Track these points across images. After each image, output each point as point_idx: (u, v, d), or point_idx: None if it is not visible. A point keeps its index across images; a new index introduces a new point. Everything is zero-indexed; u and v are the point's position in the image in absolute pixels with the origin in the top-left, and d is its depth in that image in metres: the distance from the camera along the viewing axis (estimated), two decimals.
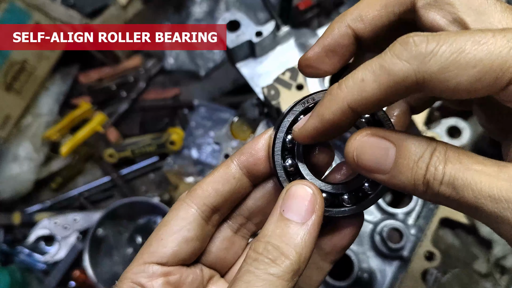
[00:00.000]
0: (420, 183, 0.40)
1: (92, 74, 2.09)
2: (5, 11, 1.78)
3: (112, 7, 1.93)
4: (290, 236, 0.44)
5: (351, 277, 1.07)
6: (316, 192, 0.46)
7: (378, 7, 0.47)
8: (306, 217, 0.45)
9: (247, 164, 0.53)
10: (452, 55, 0.36)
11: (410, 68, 0.37)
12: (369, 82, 0.40)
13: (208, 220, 0.53)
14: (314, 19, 1.93)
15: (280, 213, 0.46)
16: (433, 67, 0.36)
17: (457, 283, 1.39)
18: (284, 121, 0.50)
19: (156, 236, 0.52)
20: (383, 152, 0.42)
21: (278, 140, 0.50)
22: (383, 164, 0.42)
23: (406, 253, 1.10)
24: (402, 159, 0.41)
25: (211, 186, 0.52)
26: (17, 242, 1.76)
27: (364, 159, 0.43)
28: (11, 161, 1.86)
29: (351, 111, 0.42)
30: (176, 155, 1.83)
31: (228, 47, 1.11)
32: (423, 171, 0.40)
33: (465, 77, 0.36)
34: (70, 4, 1.98)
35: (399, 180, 0.42)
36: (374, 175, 0.43)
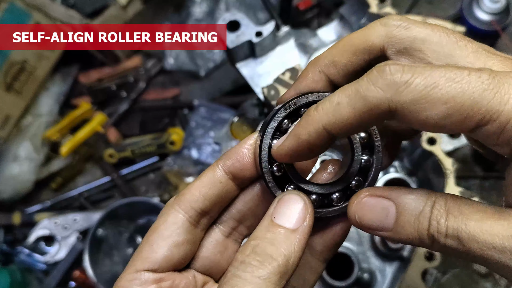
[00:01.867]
0: (425, 237, 0.41)
1: (92, 74, 2.09)
2: (5, 11, 1.78)
3: (112, 7, 1.93)
4: (279, 240, 0.44)
5: (351, 277, 1.07)
6: (307, 201, 0.48)
7: (349, 54, 0.48)
8: (297, 223, 0.46)
9: (233, 169, 0.53)
10: (425, 88, 0.36)
11: (383, 96, 0.38)
12: (344, 105, 0.40)
13: (197, 224, 0.53)
14: (314, 19, 1.93)
15: (271, 220, 0.46)
16: (406, 97, 0.37)
17: (457, 283, 1.39)
18: (269, 128, 0.51)
19: (146, 242, 0.52)
20: (384, 211, 0.44)
21: (264, 147, 0.51)
22: (385, 223, 0.44)
23: (406, 253, 1.10)
24: (403, 216, 0.43)
25: (198, 190, 0.53)
26: (17, 242, 1.76)
27: (366, 220, 0.45)
28: (11, 161, 1.86)
29: (326, 133, 0.42)
30: (176, 155, 1.83)
31: (228, 47, 1.11)
32: (426, 226, 0.41)
33: (434, 112, 0.36)
34: (70, 4, 1.98)
35: (403, 236, 0.43)
36: (378, 233, 0.45)
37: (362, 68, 0.49)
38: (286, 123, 0.52)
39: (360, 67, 0.49)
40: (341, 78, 0.50)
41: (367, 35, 0.47)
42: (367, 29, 0.48)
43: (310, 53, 1.20)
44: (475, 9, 1.68)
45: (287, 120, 0.52)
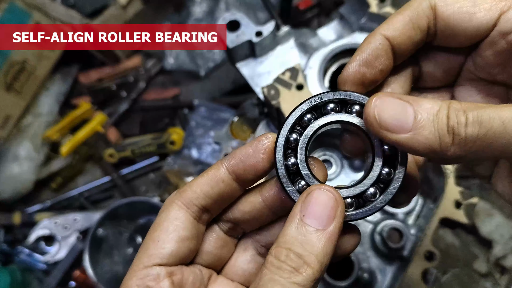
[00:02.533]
0: (445, 132, 0.42)
1: (92, 74, 2.09)
2: (5, 11, 1.78)
3: (112, 7, 1.93)
4: (311, 243, 0.44)
5: (351, 277, 1.07)
6: (338, 197, 0.47)
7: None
8: (327, 223, 0.45)
9: (236, 169, 0.52)
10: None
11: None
12: (394, 15, 0.52)
13: (199, 219, 0.54)
14: (314, 19, 1.94)
15: (300, 218, 0.46)
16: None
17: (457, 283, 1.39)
18: (289, 119, 0.51)
19: (151, 238, 0.52)
20: (403, 109, 0.44)
21: (280, 138, 0.50)
22: (403, 121, 0.43)
23: (406, 253, 1.10)
24: (421, 114, 0.43)
25: (200, 188, 0.53)
26: (17, 242, 1.76)
27: (385, 117, 0.44)
28: (11, 161, 1.86)
29: (386, 41, 0.50)
30: (176, 155, 1.83)
31: (228, 47, 1.11)
32: (445, 121, 0.42)
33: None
34: (70, 4, 1.98)
35: (422, 136, 0.42)
36: (396, 136, 0.44)
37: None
38: (308, 118, 0.51)
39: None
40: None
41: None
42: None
43: (310, 53, 1.20)
44: None
45: (311, 115, 0.51)
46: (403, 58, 0.54)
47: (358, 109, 0.51)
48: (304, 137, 0.51)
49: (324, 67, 1.17)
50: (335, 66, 1.20)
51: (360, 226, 1.14)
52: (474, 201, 1.10)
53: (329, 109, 0.51)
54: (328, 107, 0.51)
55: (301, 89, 1.08)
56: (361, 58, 0.51)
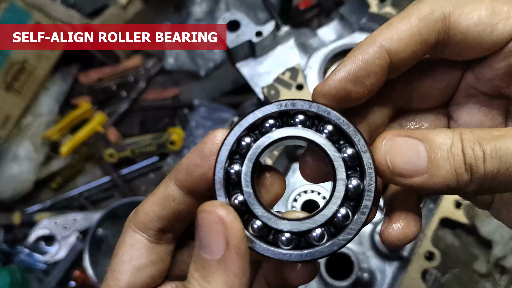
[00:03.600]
0: (462, 171, 0.38)
1: (92, 74, 2.09)
2: (5, 11, 1.78)
3: (112, 7, 1.93)
4: (211, 280, 0.38)
5: (351, 277, 1.07)
6: (226, 218, 0.38)
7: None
8: (217, 252, 0.38)
9: (185, 184, 0.45)
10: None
11: (435, 3, 0.44)
12: (397, 21, 0.43)
13: (159, 241, 0.48)
14: (314, 19, 1.93)
15: (196, 248, 0.40)
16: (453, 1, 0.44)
17: (456, 283, 1.39)
18: (248, 117, 0.43)
19: (110, 268, 0.47)
20: (414, 150, 0.39)
21: (218, 175, 0.42)
22: (418, 164, 0.39)
23: (406, 253, 1.10)
24: (435, 153, 0.39)
25: (152, 210, 0.46)
26: (17, 242, 1.76)
27: (398, 162, 0.40)
28: (11, 161, 1.86)
29: (384, 53, 0.42)
30: (176, 155, 1.83)
31: (228, 47, 1.11)
32: (461, 157, 0.38)
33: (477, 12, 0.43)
34: (70, 4, 1.98)
35: (440, 177, 0.38)
36: (411, 180, 0.40)
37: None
38: (270, 124, 0.43)
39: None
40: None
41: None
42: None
43: (310, 53, 1.20)
44: None
45: (275, 121, 0.43)
46: (395, 75, 0.46)
47: (331, 130, 0.42)
48: (257, 147, 0.42)
49: (324, 67, 1.17)
50: (335, 66, 1.19)
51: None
52: None
53: (297, 121, 0.43)
54: (297, 118, 0.43)
55: (301, 89, 1.08)
56: (350, 70, 0.42)
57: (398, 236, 0.44)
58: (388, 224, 0.45)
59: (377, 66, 0.42)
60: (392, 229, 0.45)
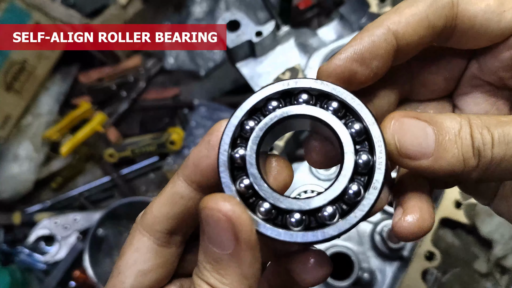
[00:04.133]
0: (470, 155, 0.38)
1: (92, 74, 2.09)
2: (5, 11, 1.78)
3: (112, 7, 1.93)
4: (224, 273, 0.38)
5: (351, 277, 1.07)
6: (234, 214, 0.37)
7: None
8: (228, 246, 0.37)
9: (194, 177, 0.44)
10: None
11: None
12: (405, 6, 0.42)
13: (167, 244, 0.47)
14: (314, 19, 1.93)
15: (205, 242, 0.39)
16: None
17: (457, 283, 1.39)
18: (250, 99, 0.41)
19: (116, 268, 0.47)
20: (423, 132, 0.39)
21: (222, 159, 0.40)
22: (425, 146, 0.38)
23: (406, 253, 1.10)
24: (443, 136, 0.38)
25: (159, 210, 0.45)
26: (17, 242, 1.76)
27: (406, 143, 0.39)
28: (11, 161, 1.86)
29: (391, 36, 0.42)
30: (176, 155, 1.83)
31: (228, 47, 1.11)
32: (469, 141, 0.38)
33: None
34: (70, 4, 1.98)
35: (445, 160, 0.38)
36: (417, 163, 0.39)
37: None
38: (273, 106, 0.42)
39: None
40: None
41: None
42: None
43: (310, 53, 1.20)
44: None
45: (277, 102, 0.42)
46: (403, 60, 0.46)
47: (336, 107, 0.41)
48: (260, 128, 0.41)
49: None
50: None
51: (360, 226, 1.14)
52: (474, 201, 1.10)
53: (301, 100, 0.41)
54: (300, 97, 0.41)
55: None
56: (356, 50, 0.42)
57: (412, 229, 0.41)
58: (402, 215, 0.42)
59: (383, 49, 0.42)
60: (406, 222, 0.42)
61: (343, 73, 0.42)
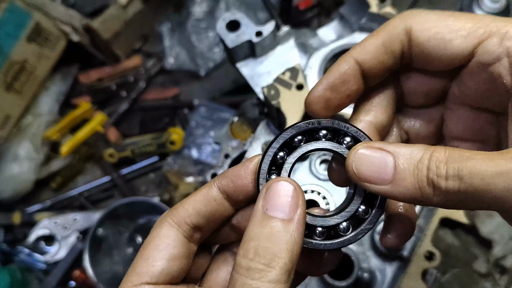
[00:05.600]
0: (425, 184, 0.41)
1: (92, 74, 2.10)
2: (5, 11, 1.78)
3: (112, 7, 1.93)
4: (278, 234, 0.43)
5: (351, 277, 1.07)
6: (297, 187, 0.46)
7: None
8: (291, 213, 0.44)
9: (227, 189, 0.52)
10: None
11: (400, 20, 0.50)
12: (367, 38, 0.50)
13: (191, 238, 0.52)
14: (314, 19, 1.94)
15: (263, 212, 0.45)
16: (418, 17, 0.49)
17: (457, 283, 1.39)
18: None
19: (141, 257, 0.50)
20: (382, 161, 0.43)
21: (266, 159, 0.50)
22: (383, 173, 0.43)
23: (406, 253, 1.10)
24: (401, 166, 0.42)
25: (192, 206, 0.52)
26: (17, 242, 1.76)
27: (364, 170, 0.44)
28: (11, 161, 1.86)
29: (357, 66, 0.50)
30: (176, 155, 1.83)
31: (228, 47, 1.11)
32: (425, 172, 0.41)
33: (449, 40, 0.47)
34: (70, 4, 1.98)
35: (402, 187, 0.42)
36: (376, 188, 0.44)
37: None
38: (299, 139, 0.51)
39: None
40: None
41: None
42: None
43: (310, 52, 1.20)
44: (475, 9, 1.68)
45: (302, 136, 0.52)
46: (376, 81, 0.53)
47: (349, 142, 0.51)
48: (293, 157, 0.52)
49: (324, 67, 1.17)
50: None
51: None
52: None
53: (321, 135, 0.52)
54: (321, 132, 0.52)
55: (301, 89, 1.08)
56: (328, 82, 0.51)
57: (394, 242, 0.54)
58: (384, 231, 0.54)
59: (348, 75, 0.51)
60: (388, 237, 0.54)
61: (320, 101, 0.52)
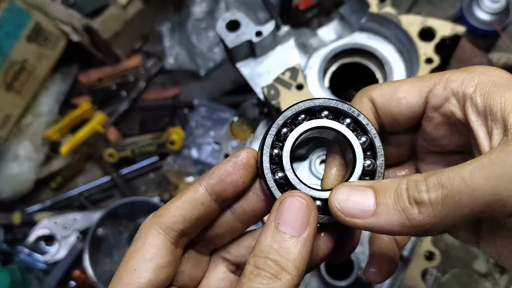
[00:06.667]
0: (407, 205, 0.42)
1: (92, 74, 2.09)
2: (5, 11, 1.78)
3: (112, 7, 1.93)
4: (288, 250, 0.44)
5: (351, 277, 1.07)
6: (310, 203, 0.46)
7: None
8: (301, 230, 0.45)
9: (216, 189, 0.51)
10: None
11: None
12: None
13: (177, 243, 0.52)
14: (314, 19, 1.94)
15: (275, 226, 0.46)
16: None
17: (456, 282, 1.39)
18: (267, 138, 0.51)
19: (127, 267, 0.49)
20: (362, 195, 0.45)
21: (265, 156, 0.50)
22: (365, 205, 0.44)
23: (406, 253, 1.10)
24: (381, 196, 0.44)
25: (179, 212, 0.51)
26: (17, 242, 1.76)
27: (346, 206, 0.45)
28: (11, 160, 1.86)
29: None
30: (176, 155, 1.83)
31: (228, 47, 1.11)
32: (406, 194, 0.42)
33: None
34: (70, 4, 1.98)
35: (386, 215, 0.43)
36: (361, 222, 0.44)
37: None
38: (284, 132, 0.51)
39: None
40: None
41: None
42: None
43: (310, 53, 1.20)
44: (475, 9, 1.68)
45: (285, 128, 0.51)
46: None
47: (349, 122, 0.52)
48: (295, 132, 0.52)
49: (324, 67, 1.17)
50: (335, 66, 1.20)
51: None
52: None
53: (323, 115, 0.52)
54: (323, 113, 0.52)
55: (301, 89, 1.08)
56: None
57: (376, 277, 0.58)
58: (367, 266, 0.59)
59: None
60: (369, 273, 0.59)
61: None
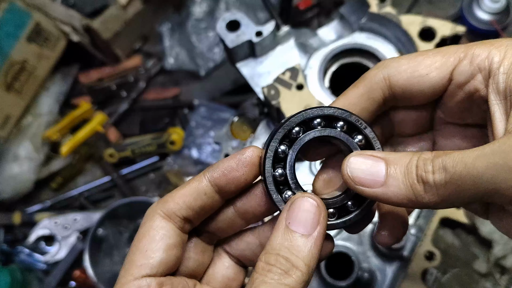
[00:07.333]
0: (415, 181, 0.44)
1: (92, 74, 2.09)
2: (5, 11, 1.78)
3: (112, 7, 1.93)
4: (298, 248, 0.46)
5: (351, 277, 1.07)
6: (320, 204, 0.49)
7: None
8: (311, 229, 0.47)
9: (219, 182, 0.53)
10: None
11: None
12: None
13: (182, 229, 0.54)
14: (314, 19, 1.93)
15: (286, 225, 0.48)
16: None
17: (457, 283, 1.39)
18: (276, 135, 0.52)
19: (138, 249, 0.52)
20: (374, 165, 0.47)
21: (268, 160, 0.52)
22: (376, 175, 0.46)
23: (406, 253, 1.10)
24: (392, 169, 0.46)
25: (183, 199, 0.53)
26: (17, 242, 1.76)
27: (358, 174, 0.47)
28: (11, 161, 1.86)
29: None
30: (176, 155, 1.83)
31: (228, 47, 1.11)
32: (415, 170, 0.44)
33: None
34: (70, 4, 1.98)
35: (395, 187, 0.45)
36: (370, 191, 0.46)
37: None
38: (297, 131, 0.53)
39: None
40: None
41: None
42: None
43: (310, 52, 1.20)
44: (475, 9, 1.68)
45: (298, 127, 0.53)
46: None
47: (342, 124, 0.53)
48: (297, 144, 0.53)
49: (324, 67, 1.17)
50: (335, 66, 1.20)
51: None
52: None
53: (315, 123, 0.53)
54: (315, 121, 0.53)
55: (301, 89, 1.08)
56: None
57: (387, 239, 0.58)
58: (378, 231, 0.59)
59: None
60: (382, 236, 0.58)
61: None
